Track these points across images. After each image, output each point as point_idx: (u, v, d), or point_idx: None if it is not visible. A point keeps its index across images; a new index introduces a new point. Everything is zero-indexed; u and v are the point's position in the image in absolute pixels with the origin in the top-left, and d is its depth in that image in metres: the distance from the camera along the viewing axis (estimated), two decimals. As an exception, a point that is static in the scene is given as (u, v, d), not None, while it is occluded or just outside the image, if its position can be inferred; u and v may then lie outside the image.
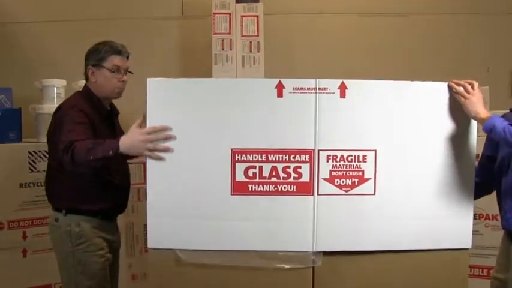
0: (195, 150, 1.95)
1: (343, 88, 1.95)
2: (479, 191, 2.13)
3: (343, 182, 1.97)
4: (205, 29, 4.05)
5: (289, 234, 1.98)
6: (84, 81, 3.32)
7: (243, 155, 1.95)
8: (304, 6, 4.53)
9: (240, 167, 1.95)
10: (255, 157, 1.95)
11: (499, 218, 2.38)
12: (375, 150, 1.96)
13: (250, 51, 3.96)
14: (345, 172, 1.96)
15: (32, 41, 4.10)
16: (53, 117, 2.43)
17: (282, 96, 1.94)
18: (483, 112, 1.95)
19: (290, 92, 1.94)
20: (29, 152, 3.05)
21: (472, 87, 1.98)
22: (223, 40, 3.93)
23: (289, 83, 1.94)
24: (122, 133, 2.61)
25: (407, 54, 4.55)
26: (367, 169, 1.96)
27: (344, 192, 1.97)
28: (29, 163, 3.03)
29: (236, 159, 1.95)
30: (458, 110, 1.98)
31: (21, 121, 3.11)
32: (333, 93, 1.95)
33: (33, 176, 3.04)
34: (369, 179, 1.97)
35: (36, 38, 4.12)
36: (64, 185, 2.41)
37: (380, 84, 1.97)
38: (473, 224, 2.07)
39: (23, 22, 4.16)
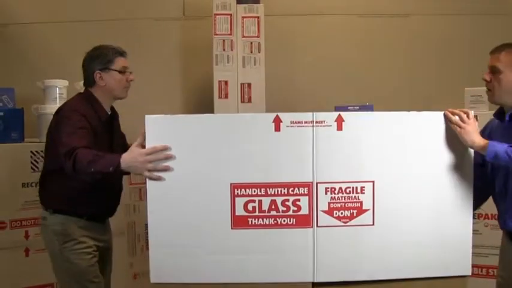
0: (195, 185, 1.97)
1: (340, 121, 1.96)
2: (478, 199, 2.14)
3: (341, 213, 1.98)
4: (206, 30, 4.05)
5: (290, 266, 2.00)
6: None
7: (243, 190, 1.97)
8: (305, 7, 4.54)
9: (239, 201, 1.97)
10: (254, 191, 1.97)
11: (498, 217, 2.40)
12: (373, 182, 1.98)
13: (251, 52, 3.97)
14: (343, 204, 1.98)
15: (35, 42, 4.10)
16: (53, 118, 2.43)
17: (279, 131, 1.95)
18: (479, 140, 1.96)
19: (287, 126, 1.95)
20: (31, 151, 3.04)
21: (468, 116, 1.99)
22: (224, 41, 3.94)
23: (286, 117, 1.95)
24: (121, 137, 2.61)
25: (406, 55, 4.56)
26: (366, 200, 1.98)
27: (343, 224, 1.98)
28: (31, 163, 3.03)
29: (236, 193, 1.97)
30: (454, 138, 1.99)
31: (23, 121, 3.10)
32: (330, 126, 1.96)
33: (36, 175, 3.02)
34: (368, 210, 1.98)
35: (39, 39, 4.12)
36: (56, 185, 2.41)
37: (376, 116, 1.99)
38: (473, 224, 2.07)
39: (25, 23, 4.17)
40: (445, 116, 2.00)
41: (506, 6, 4.54)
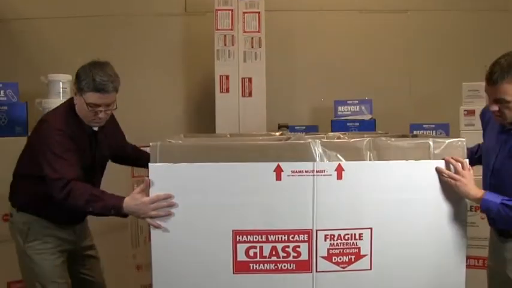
0: (198, 231, 2.00)
1: (340, 170, 1.97)
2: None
3: (340, 259, 2.01)
4: (207, 25, 4.06)
5: None
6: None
7: (244, 236, 2.00)
8: (305, 3, 4.54)
9: (241, 247, 2.00)
10: (256, 238, 2.00)
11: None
12: (371, 228, 2.01)
13: (252, 47, 3.97)
14: (342, 250, 2.01)
15: (38, 37, 4.11)
16: (37, 127, 2.34)
17: (280, 180, 1.96)
18: (474, 193, 1.96)
19: (288, 175, 1.96)
20: (35, 146, 3.05)
21: (462, 167, 1.99)
22: (225, 36, 3.95)
23: (287, 167, 1.96)
24: (118, 140, 2.57)
25: (405, 50, 4.56)
26: (364, 246, 2.01)
27: (341, 269, 2.01)
28: (36, 156, 3.04)
29: (237, 240, 2.00)
30: (449, 187, 2.01)
31: (27, 115, 3.11)
32: (330, 175, 1.97)
33: (40, 169, 3.05)
34: (365, 255, 2.01)
35: (42, 34, 4.13)
36: (25, 187, 2.38)
37: (375, 165, 1.99)
38: (470, 216, 2.09)
39: (29, 18, 4.18)
40: (438, 169, 2.01)
41: (505, 2, 4.53)
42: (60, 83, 3.24)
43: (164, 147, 1.98)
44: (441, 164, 2.00)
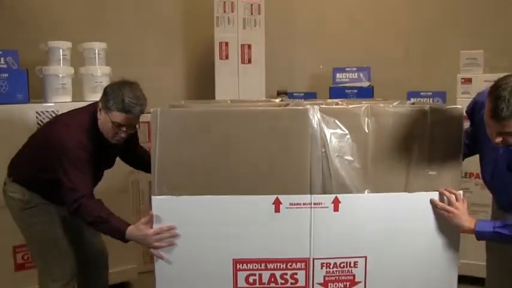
0: (200, 260, 2.04)
1: (336, 202, 2.00)
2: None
3: (336, 285, 2.07)
4: (207, -8, 4.00)
5: None
6: (90, 46, 3.33)
7: (244, 264, 2.05)
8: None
9: (241, 275, 2.05)
10: (255, 266, 2.05)
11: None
12: (365, 257, 2.05)
13: (251, 14, 3.93)
14: (337, 277, 2.07)
15: (38, 4, 4.03)
16: (56, 128, 2.29)
17: (279, 212, 2.00)
18: (467, 224, 1.96)
19: (287, 208, 2.00)
20: (36, 112, 3.03)
21: (456, 199, 2.00)
22: (224, 3, 3.90)
23: (286, 199, 1.99)
24: (121, 151, 2.49)
25: (404, 16, 4.52)
26: (358, 273, 2.06)
27: None
28: (37, 123, 3.03)
29: (238, 268, 2.05)
30: (442, 218, 2.04)
31: (28, 82, 3.09)
32: (327, 207, 2.00)
33: (42, 135, 3.05)
34: (360, 282, 2.07)
35: (42, 1, 4.05)
36: (27, 166, 2.38)
37: (371, 198, 2.01)
38: (464, 182, 2.10)
39: (28, -16, 4.10)
40: (432, 201, 2.03)
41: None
42: (60, 50, 3.21)
43: (165, 113, 1.97)
44: (435, 195, 2.02)
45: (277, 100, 2.73)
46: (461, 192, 2.02)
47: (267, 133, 1.96)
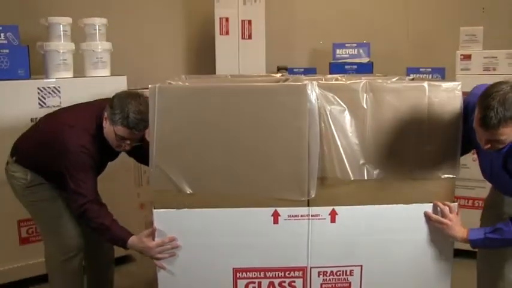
0: (200, 269, 2.08)
1: (333, 214, 2.03)
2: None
3: None
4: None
5: None
6: (91, 21, 3.29)
7: (244, 273, 2.09)
8: None
9: (241, 283, 2.10)
10: (254, 274, 2.09)
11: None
12: (361, 266, 2.09)
13: (252, -11, 3.89)
14: (334, 284, 2.11)
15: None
16: (61, 129, 2.26)
17: (277, 223, 2.02)
18: (460, 235, 1.99)
19: (285, 219, 2.02)
20: (38, 88, 3.02)
21: (450, 210, 2.00)
22: (225, -23, 3.86)
23: (284, 212, 2.02)
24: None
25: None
26: (354, 281, 2.11)
27: None
28: (39, 99, 3.02)
29: (237, 276, 2.09)
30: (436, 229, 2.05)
31: (29, 58, 3.07)
32: (324, 219, 2.03)
33: (44, 111, 3.01)
34: None
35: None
36: (32, 155, 2.38)
37: (367, 209, 2.03)
38: (461, 159, 2.08)
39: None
40: (426, 214, 2.04)
41: None
42: (61, 25, 3.17)
43: (163, 90, 1.96)
44: (429, 207, 2.04)
45: (277, 75, 2.71)
46: (456, 204, 2.04)
47: (266, 108, 1.95)
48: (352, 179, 1.99)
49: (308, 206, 2.01)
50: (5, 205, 2.87)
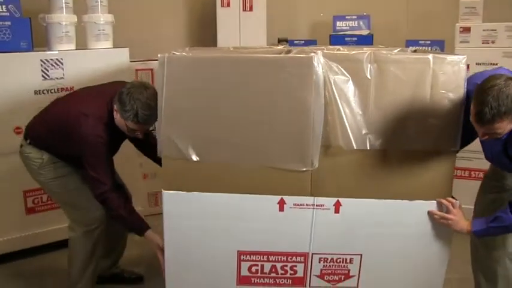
0: (208, 251, 2.13)
1: (337, 205, 2.05)
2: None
3: (331, 277, 2.17)
4: None
5: None
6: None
7: (248, 256, 2.13)
8: None
9: (244, 265, 2.14)
10: (258, 257, 2.13)
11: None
12: (361, 254, 2.13)
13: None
14: (333, 270, 2.16)
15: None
16: (75, 118, 2.25)
17: (283, 211, 2.04)
18: (465, 228, 2.01)
19: (291, 207, 2.04)
20: (41, 60, 2.99)
21: (453, 206, 2.02)
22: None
23: (290, 200, 2.04)
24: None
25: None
26: (353, 268, 2.15)
27: (331, 285, 2.18)
28: (42, 71, 2.99)
29: (242, 259, 2.13)
30: (435, 225, 2.08)
31: (31, 30, 3.03)
32: (329, 209, 2.05)
33: (47, 83, 3.01)
34: (354, 275, 2.16)
35: None
36: (47, 138, 2.39)
37: (371, 203, 2.04)
38: (461, 131, 2.09)
39: None
40: (430, 213, 2.06)
41: None
42: (63, -3, 3.12)
43: (172, 60, 1.95)
44: (433, 205, 2.05)
45: (279, 47, 2.69)
46: (458, 201, 2.05)
47: (273, 79, 1.94)
48: (355, 148, 1.99)
49: (311, 195, 2.03)
50: (10, 176, 2.88)
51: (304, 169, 1.99)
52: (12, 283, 2.85)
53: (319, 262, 2.14)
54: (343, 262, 2.14)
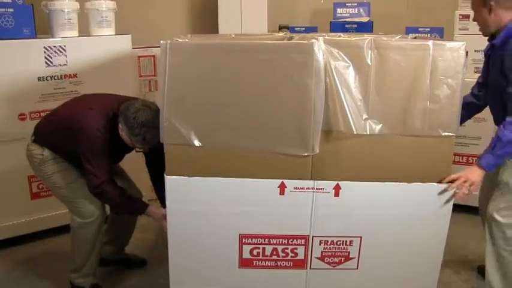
0: (210, 234, 2.14)
1: (337, 188, 2.06)
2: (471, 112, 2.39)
3: (331, 260, 2.19)
4: None
5: None
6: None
7: (249, 239, 2.15)
8: None
9: (246, 248, 2.16)
10: (259, 240, 2.15)
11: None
12: (361, 237, 2.15)
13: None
14: (334, 252, 2.18)
15: None
16: (81, 113, 2.30)
17: (284, 194, 2.06)
18: (478, 172, 2.11)
19: (291, 191, 2.06)
20: (44, 47, 2.98)
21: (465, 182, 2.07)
22: None
23: (290, 184, 2.05)
24: None
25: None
26: (353, 250, 2.17)
27: (332, 267, 2.20)
28: (45, 58, 2.98)
29: (243, 242, 2.15)
30: (433, 207, 2.10)
31: (34, 17, 3.01)
32: (328, 192, 2.06)
33: (50, 70, 3.00)
34: (354, 258, 2.18)
35: None
36: (49, 133, 2.42)
37: (369, 186, 2.06)
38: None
39: None
40: (443, 189, 2.07)
41: None
42: (65, -16, 3.11)
43: (175, 47, 1.94)
44: (433, 187, 2.07)
45: (280, 34, 2.68)
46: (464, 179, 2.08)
47: (275, 65, 1.93)
48: (355, 133, 1.99)
49: (312, 179, 2.04)
50: (15, 162, 2.89)
51: (306, 154, 2.00)
52: (18, 267, 2.87)
53: (320, 244, 2.16)
54: (343, 244, 2.16)
